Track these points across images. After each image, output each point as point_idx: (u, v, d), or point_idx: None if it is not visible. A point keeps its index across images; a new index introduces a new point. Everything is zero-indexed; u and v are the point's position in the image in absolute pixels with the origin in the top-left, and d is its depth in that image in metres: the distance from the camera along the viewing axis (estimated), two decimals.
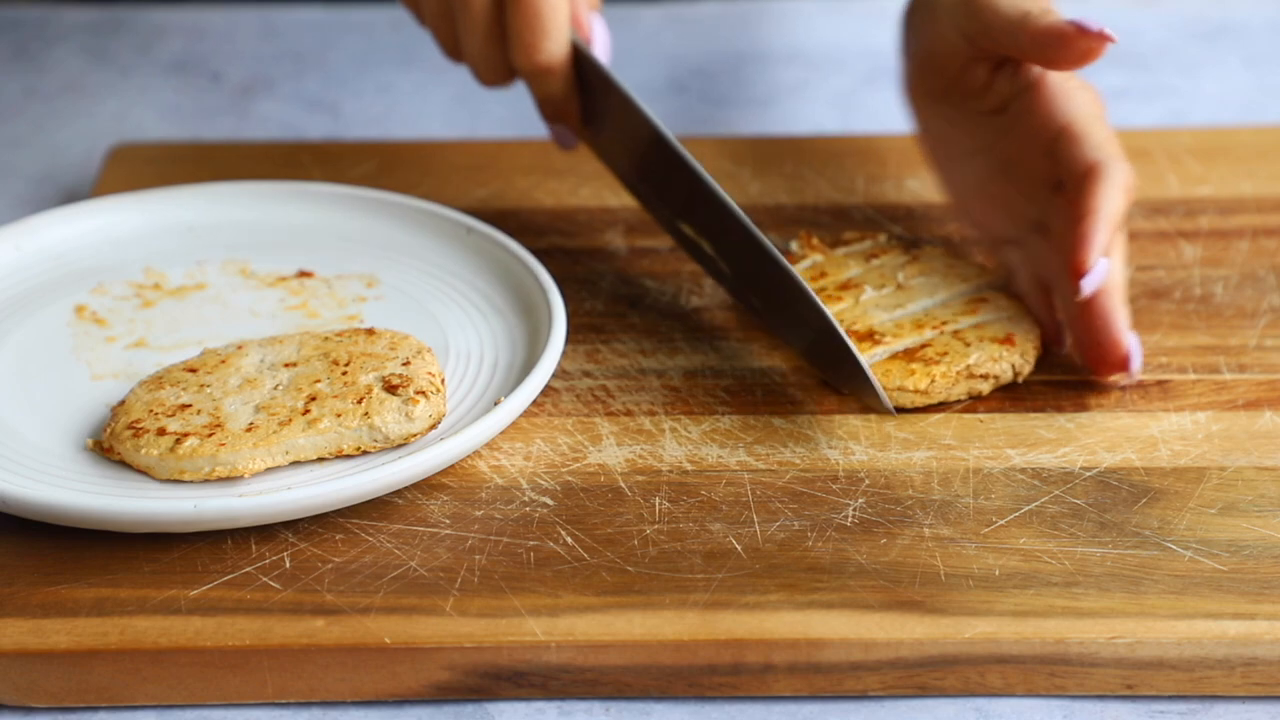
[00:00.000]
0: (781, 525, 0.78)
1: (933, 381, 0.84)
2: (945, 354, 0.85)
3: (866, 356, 0.85)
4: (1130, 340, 0.84)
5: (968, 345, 0.85)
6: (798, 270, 0.90)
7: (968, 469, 0.81)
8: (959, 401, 0.85)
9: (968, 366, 0.84)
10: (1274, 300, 0.91)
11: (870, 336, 0.86)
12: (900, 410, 0.84)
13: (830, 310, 0.87)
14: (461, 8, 0.89)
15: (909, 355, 0.85)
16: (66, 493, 0.77)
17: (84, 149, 1.11)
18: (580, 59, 0.90)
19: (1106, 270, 0.83)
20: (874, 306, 0.88)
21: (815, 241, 0.93)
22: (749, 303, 0.88)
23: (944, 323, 0.87)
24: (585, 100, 0.91)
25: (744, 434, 0.83)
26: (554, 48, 0.88)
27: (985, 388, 0.85)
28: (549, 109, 0.92)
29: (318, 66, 1.21)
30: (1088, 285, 0.82)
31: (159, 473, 0.79)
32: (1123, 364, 0.84)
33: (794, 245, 0.93)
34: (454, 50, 0.92)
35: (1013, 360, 0.85)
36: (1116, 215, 0.83)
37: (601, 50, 0.90)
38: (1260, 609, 0.73)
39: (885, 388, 0.83)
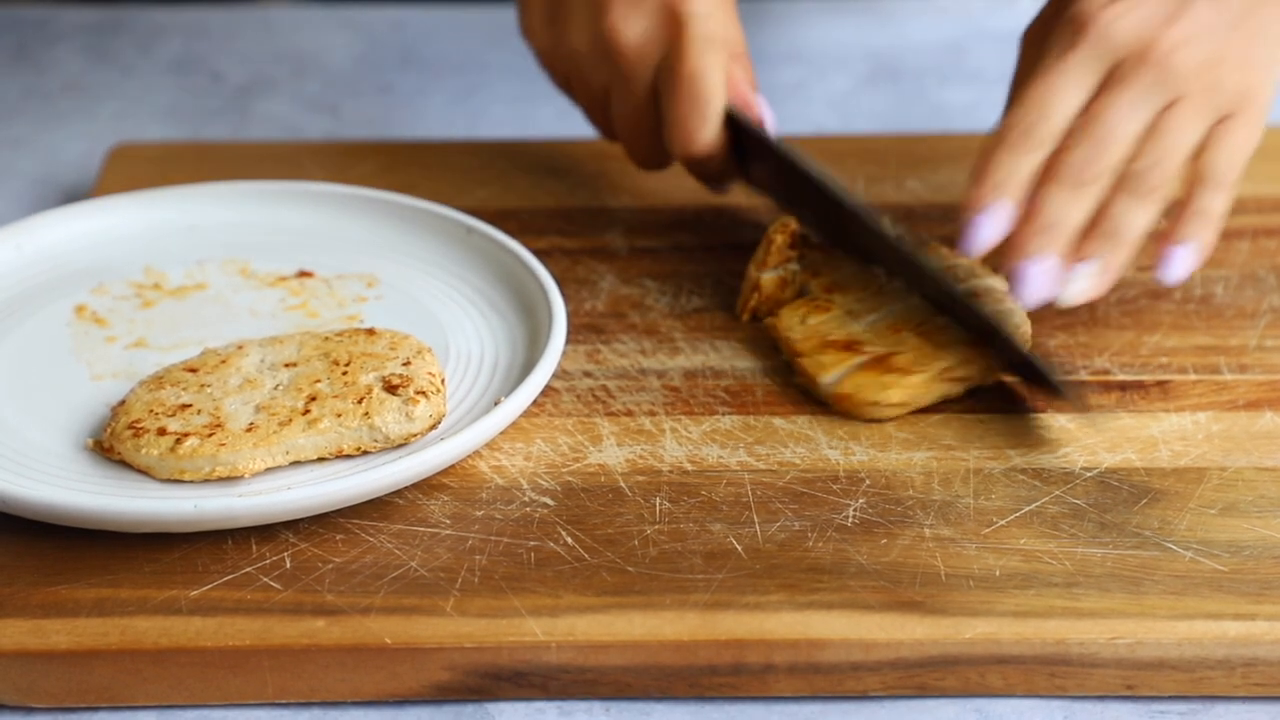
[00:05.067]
0: (782, 525, 0.78)
1: (909, 395, 0.83)
2: (917, 361, 0.84)
3: (845, 367, 0.84)
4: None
5: (939, 349, 0.85)
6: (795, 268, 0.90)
7: (968, 469, 0.81)
8: (945, 404, 0.84)
9: (941, 371, 0.84)
10: (1274, 300, 0.91)
11: (850, 346, 0.85)
12: (875, 421, 0.83)
13: (819, 319, 0.87)
14: (619, 96, 0.92)
15: (883, 366, 0.84)
16: (66, 493, 0.77)
17: (84, 149, 1.11)
18: (739, 130, 0.91)
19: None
20: (847, 313, 0.87)
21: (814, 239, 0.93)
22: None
23: (920, 323, 0.86)
24: (743, 157, 0.93)
25: (744, 434, 0.83)
26: (710, 134, 0.90)
27: (958, 389, 0.84)
28: (707, 183, 0.95)
29: (318, 66, 1.21)
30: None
31: (159, 473, 0.78)
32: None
33: None
34: (608, 131, 0.95)
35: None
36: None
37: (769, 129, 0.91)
38: (1260, 609, 0.73)
39: (860, 403, 0.83)
